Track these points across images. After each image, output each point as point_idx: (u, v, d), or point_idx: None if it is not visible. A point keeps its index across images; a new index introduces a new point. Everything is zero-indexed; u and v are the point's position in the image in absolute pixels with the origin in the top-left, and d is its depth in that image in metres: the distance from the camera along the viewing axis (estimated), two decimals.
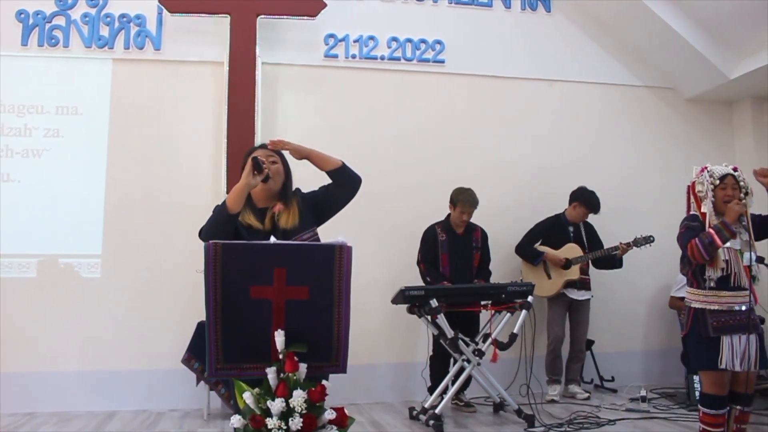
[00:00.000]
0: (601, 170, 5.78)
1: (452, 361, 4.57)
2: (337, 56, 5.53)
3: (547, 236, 5.33)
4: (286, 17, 5.31)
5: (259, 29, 5.20)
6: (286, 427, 2.15)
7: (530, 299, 4.45)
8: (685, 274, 3.42)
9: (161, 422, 4.51)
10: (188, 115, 5.24)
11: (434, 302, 4.24)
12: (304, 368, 2.27)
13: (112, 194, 5.06)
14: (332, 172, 2.76)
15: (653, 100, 6.17)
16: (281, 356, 2.26)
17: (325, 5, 5.28)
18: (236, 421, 2.22)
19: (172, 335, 4.78)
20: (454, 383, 4.41)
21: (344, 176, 2.76)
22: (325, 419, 2.24)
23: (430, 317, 4.33)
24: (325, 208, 2.79)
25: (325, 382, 2.31)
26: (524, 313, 4.43)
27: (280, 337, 2.27)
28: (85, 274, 4.98)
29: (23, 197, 4.93)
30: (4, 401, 4.61)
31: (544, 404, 4.80)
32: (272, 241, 2.40)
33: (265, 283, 2.31)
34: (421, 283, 4.83)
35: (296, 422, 2.14)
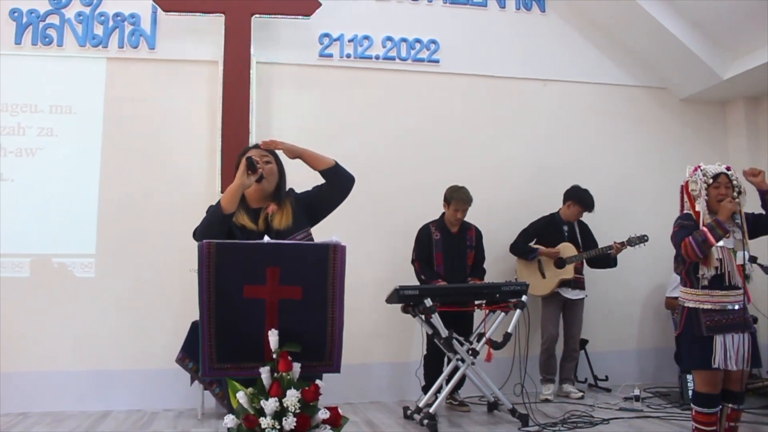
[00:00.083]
0: (595, 169, 5.80)
1: (446, 360, 4.57)
2: (331, 56, 5.53)
3: (541, 235, 5.34)
4: (280, 16, 5.31)
5: (253, 28, 5.20)
6: (279, 426, 2.14)
7: (524, 299, 4.47)
8: (678, 273, 3.43)
9: (155, 422, 4.50)
10: (183, 114, 5.23)
11: (429, 302, 4.25)
12: (297, 368, 2.26)
13: (106, 194, 5.05)
14: (325, 171, 2.75)
15: (647, 100, 6.19)
16: (275, 356, 2.25)
17: (319, 4, 5.29)
18: (230, 420, 2.21)
19: (166, 335, 4.79)
20: (448, 382, 4.43)
21: (337, 175, 2.75)
22: (318, 419, 2.24)
23: (424, 316, 4.34)
24: (318, 208, 2.78)
25: (318, 381, 2.31)
26: (518, 312, 4.44)
27: (273, 336, 2.26)
28: (78, 273, 4.97)
29: (17, 196, 4.92)
30: None
31: (538, 403, 4.81)
32: (266, 240, 2.39)
33: (258, 282, 2.30)
34: (415, 282, 4.84)
35: (290, 422, 2.14)
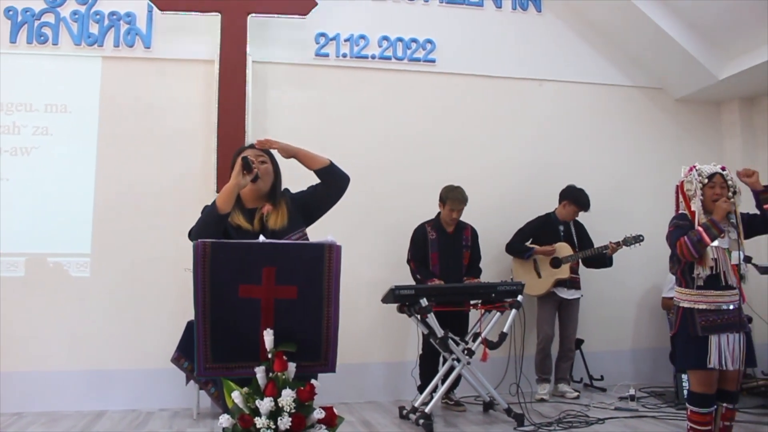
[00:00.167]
0: (591, 169, 5.80)
1: (442, 360, 4.58)
2: (327, 55, 5.52)
3: (537, 235, 5.34)
4: (277, 16, 5.30)
5: (249, 27, 5.18)
6: (274, 426, 2.14)
7: (520, 298, 4.47)
8: (674, 273, 3.44)
9: (150, 422, 4.49)
10: (178, 113, 5.21)
11: (424, 301, 4.25)
12: (293, 367, 2.26)
13: (101, 193, 5.03)
14: (320, 170, 2.74)
15: (643, 100, 6.20)
16: (270, 355, 2.25)
17: (316, 4, 5.28)
18: (225, 420, 2.21)
19: (161, 334, 4.77)
20: (444, 382, 4.42)
21: (332, 175, 2.75)
22: (314, 418, 2.23)
23: (420, 316, 4.34)
24: (313, 207, 2.77)
25: (314, 381, 2.31)
26: (514, 312, 4.44)
27: (269, 336, 2.26)
28: (74, 273, 4.96)
29: (11, 195, 4.90)
30: None
31: (533, 403, 4.82)
32: (261, 240, 2.39)
33: (253, 282, 2.29)
34: (411, 282, 4.83)
35: (285, 421, 2.14)
